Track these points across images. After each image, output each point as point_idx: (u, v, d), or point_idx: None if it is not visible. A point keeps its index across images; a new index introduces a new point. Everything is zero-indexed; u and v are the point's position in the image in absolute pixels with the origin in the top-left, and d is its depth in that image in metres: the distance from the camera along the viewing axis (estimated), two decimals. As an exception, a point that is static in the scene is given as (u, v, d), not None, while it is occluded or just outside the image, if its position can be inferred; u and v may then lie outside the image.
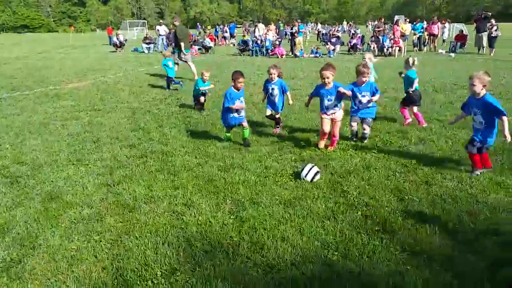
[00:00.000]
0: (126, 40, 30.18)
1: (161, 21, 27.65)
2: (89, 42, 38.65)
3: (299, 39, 22.63)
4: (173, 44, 13.82)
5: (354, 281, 2.91)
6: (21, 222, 4.01)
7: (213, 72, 15.88)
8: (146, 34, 30.17)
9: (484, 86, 4.52)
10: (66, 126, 7.78)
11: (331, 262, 3.18)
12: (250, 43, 25.18)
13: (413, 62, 7.00)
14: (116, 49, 27.70)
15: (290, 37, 23.74)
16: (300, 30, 23.81)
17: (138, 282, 3.04)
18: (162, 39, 26.94)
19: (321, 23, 50.98)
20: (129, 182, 4.91)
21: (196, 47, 26.07)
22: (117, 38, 28.29)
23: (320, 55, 21.84)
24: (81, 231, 3.82)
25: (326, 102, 5.70)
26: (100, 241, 3.64)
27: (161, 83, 12.98)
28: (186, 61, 13.30)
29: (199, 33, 37.48)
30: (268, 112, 6.94)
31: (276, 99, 6.80)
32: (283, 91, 6.81)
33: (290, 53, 22.69)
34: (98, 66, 18.16)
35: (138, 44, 29.02)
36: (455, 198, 4.21)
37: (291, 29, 23.64)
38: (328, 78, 5.50)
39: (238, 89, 6.02)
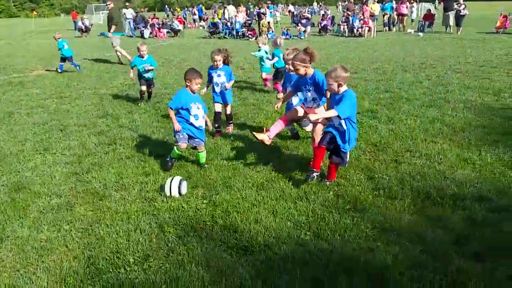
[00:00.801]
0: (91, 25, 29.19)
1: (127, 4, 26.72)
2: (53, 28, 36.98)
3: (264, 22, 22.43)
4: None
5: (326, 259, 2.97)
6: (-14, 215, 3.86)
7: (183, 56, 15.61)
8: (113, 18, 29.17)
9: (340, 84, 3.92)
10: (32, 115, 7.48)
11: (303, 242, 3.22)
12: (220, 25, 24.81)
13: (280, 42, 8.57)
14: (82, 34, 26.74)
15: (257, 19, 23.51)
16: (270, 11, 23.58)
17: (111, 270, 3.00)
18: (129, 22, 26.11)
19: (292, 4, 50.65)
20: (98, 170, 4.79)
21: (165, 30, 25.47)
22: (83, 23, 27.31)
23: (290, 37, 21.77)
24: (51, 221, 3.71)
25: (301, 94, 4.80)
26: (71, 230, 3.55)
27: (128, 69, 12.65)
28: (114, 46, 13.34)
29: (167, 15, 36.52)
30: (218, 107, 6.00)
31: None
32: (230, 79, 5.94)
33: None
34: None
35: (105, 28, 28.06)
36: (423, 175, 4.33)
37: (259, 9, 23.43)
38: (298, 70, 4.55)
39: (193, 92, 4.75)
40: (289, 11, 38.94)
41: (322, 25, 23.52)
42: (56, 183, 4.53)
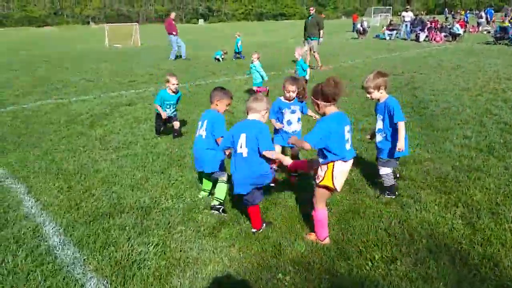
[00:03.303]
0: (369, 27, 30.37)
1: (408, 6, 26.50)
2: (334, 29, 40.69)
3: None
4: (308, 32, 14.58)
5: None
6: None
7: (458, 62, 14.24)
8: (391, 21, 29.58)
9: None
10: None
11: None
12: (511, 31, 21.22)
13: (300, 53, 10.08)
14: (359, 36, 28.20)
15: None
16: None
17: (358, 260, 3.21)
18: (406, 25, 25.84)
19: None
20: (359, 164, 5.11)
21: (442, 34, 23.88)
22: (361, 25, 28.73)
23: None
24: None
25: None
26: (329, 210, 3.95)
27: (400, 69, 12.63)
28: (314, 51, 14.26)
29: (446, 18, 33.98)
30: (277, 148, 4.66)
31: (291, 128, 4.68)
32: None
33: None
34: (340, 52, 19.06)
35: (380, 30, 28.76)
36: None
37: None
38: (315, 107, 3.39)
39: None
40: None
41: None
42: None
